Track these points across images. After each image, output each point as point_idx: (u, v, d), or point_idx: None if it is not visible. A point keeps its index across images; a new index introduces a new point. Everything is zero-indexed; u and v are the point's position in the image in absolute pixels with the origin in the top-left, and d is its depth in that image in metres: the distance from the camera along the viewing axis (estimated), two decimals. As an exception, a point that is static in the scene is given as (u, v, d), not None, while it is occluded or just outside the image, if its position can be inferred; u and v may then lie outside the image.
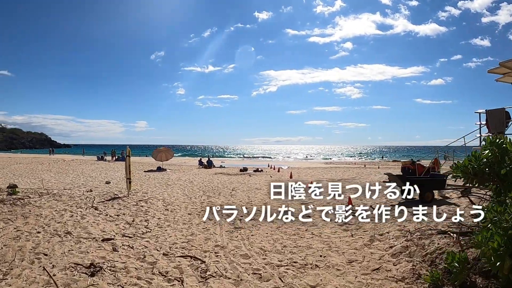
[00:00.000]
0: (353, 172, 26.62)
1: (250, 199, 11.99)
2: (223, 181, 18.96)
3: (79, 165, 31.47)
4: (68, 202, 9.55)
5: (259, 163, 43.82)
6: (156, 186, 15.84)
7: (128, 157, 10.76)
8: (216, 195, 13.07)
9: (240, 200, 11.73)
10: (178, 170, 27.27)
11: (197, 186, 16.09)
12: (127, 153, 10.83)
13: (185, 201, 11.28)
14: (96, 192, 12.08)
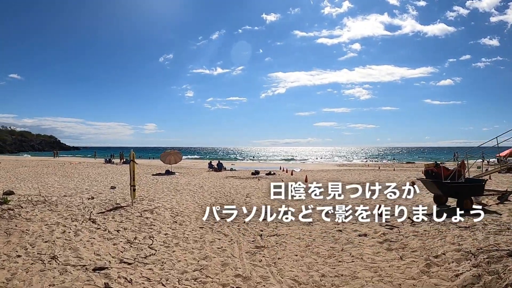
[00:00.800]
0: (369, 174, 25.14)
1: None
2: (235, 185, 17.71)
3: (86, 168, 30.58)
4: (64, 213, 8.37)
5: (270, 166, 42.51)
6: (164, 191, 14.66)
7: (133, 162, 9.56)
8: (229, 202, 11.82)
9: (258, 209, 10.43)
10: (188, 173, 26.13)
11: (208, 191, 14.86)
12: (130, 157, 9.62)
13: (196, 210, 10.05)
14: (98, 200, 10.92)
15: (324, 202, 8.49)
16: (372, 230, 7.83)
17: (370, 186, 8.70)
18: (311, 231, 7.86)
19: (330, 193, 8.06)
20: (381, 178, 21.35)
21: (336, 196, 8.06)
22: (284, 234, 7.61)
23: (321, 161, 63.70)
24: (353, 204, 8.53)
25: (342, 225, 8.17)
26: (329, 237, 7.31)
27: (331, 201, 8.21)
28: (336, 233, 7.64)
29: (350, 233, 7.67)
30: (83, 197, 11.55)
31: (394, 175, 24.27)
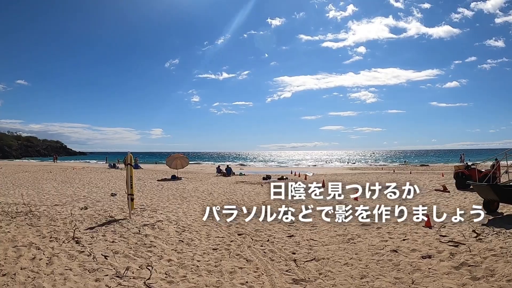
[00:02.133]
0: (386, 178, 23.26)
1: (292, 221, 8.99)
2: (247, 192, 16.01)
3: (89, 173, 29.12)
4: (44, 229, 6.75)
5: (280, 170, 40.74)
6: (169, 199, 13.02)
7: (130, 166, 7.90)
8: (244, 212, 10.11)
9: (283, 223, 8.73)
10: (195, 178, 24.48)
11: (218, 199, 13.18)
12: (127, 160, 7.95)
13: (206, 223, 8.37)
14: (92, 211, 9.31)
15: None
16: (433, 248, 6.11)
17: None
18: (357, 252, 6.15)
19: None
20: (403, 182, 19.49)
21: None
22: (324, 257, 5.90)
23: (330, 165, 61.63)
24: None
25: (392, 242, 6.49)
26: (384, 261, 5.58)
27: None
28: (391, 254, 5.92)
29: (408, 253, 5.96)
30: (75, 207, 9.94)
31: (414, 178, 22.46)
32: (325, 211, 8.45)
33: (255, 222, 8.80)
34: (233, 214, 8.02)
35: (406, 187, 8.28)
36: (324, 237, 7.56)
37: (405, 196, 8.27)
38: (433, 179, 20.78)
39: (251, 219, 8.91)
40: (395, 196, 8.39)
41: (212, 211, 7.77)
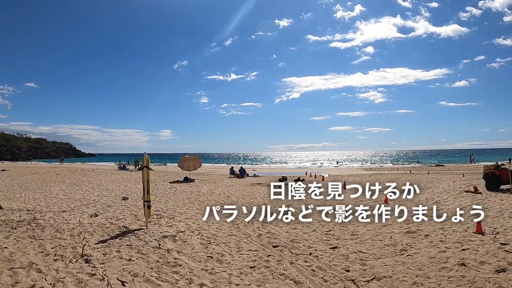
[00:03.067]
0: (407, 178, 21.92)
1: (329, 229, 7.93)
2: (266, 194, 14.93)
3: (98, 175, 28.29)
4: (48, 242, 5.74)
5: (294, 171, 39.60)
6: (185, 203, 12.00)
7: (147, 169, 6.86)
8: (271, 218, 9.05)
9: (319, 231, 7.65)
10: (208, 180, 23.45)
11: (237, 203, 12.14)
12: (144, 162, 6.89)
13: (233, 233, 7.31)
14: (103, 218, 8.31)
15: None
16: (502, 260, 5.23)
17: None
18: (419, 267, 5.18)
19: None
20: (427, 184, 18.28)
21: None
22: (385, 275, 4.84)
23: (342, 165, 60.16)
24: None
25: (451, 253, 5.51)
26: (457, 278, 4.71)
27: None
28: (460, 268, 4.98)
29: (478, 267, 5.04)
30: (84, 214, 8.96)
31: (435, 179, 21.18)
32: (362, 214, 7.88)
33: (288, 230, 7.72)
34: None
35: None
36: (371, 248, 6.48)
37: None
38: (456, 180, 19.76)
39: (284, 228, 7.83)
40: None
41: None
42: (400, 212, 9.83)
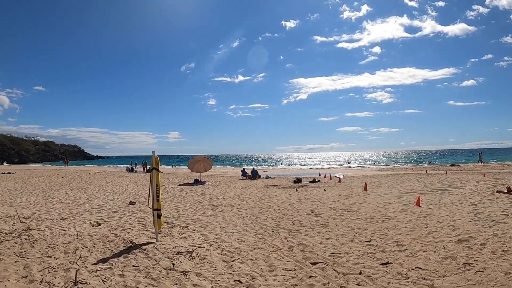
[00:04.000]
0: (430, 179, 20.50)
1: (369, 239, 6.71)
2: (284, 197, 13.74)
3: (105, 177, 27.38)
4: (36, 262, 4.62)
5: (306, 172, 38.29)
6: (198, 208, 10.88)
7: (156, 172, 5.71)
8: (298, 226, 7.87)
9: (357, 241, 6.44)
10: (219, 182, 22.33)
11: (256, 208, 10.96)
12: (152, 163, 5.71)
13: (258, 245, 6.13)
14: (106, 228, 7.21)
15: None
16: None
17: None
18: (499, 287, 3.89)
19: None
20: (450, 184, 16.94)
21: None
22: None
23: (353, 166, 58.57)
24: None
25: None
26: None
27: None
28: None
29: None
30: (86, 223, 7.88)
31: (457, 179, 19.88)
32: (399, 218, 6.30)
33: (321, 241, 6.52)
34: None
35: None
36: (429, 262, 5.28)
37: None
38: (479, 180, 18.72)
39: (316, 239, 6.64)
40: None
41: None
42: (439, 216, 8.67)
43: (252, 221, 8.63)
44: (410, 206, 10.97)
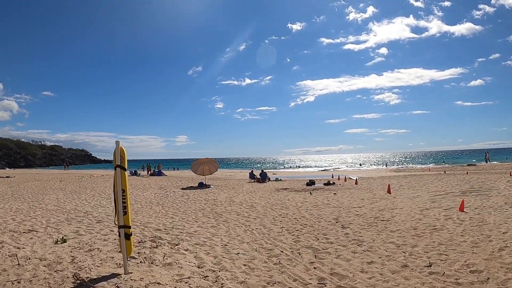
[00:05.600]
0: (453, 180, 18.41)
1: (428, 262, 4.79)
2: (299, 202, 11.87)
3: (105, 181, 25.81)
4: None
5: (317, 174, 36.31)
6: (198, 217, 9.09)
7: (122, 171, 3.87)
8: (324, 243, 5.99)
9: (413, 265, 4.54)
10: (226, 186, 20.51)
11: (267, 216, 9.12)
12: (115, 159, 3.79)
13: (274, 277, 4.28)
14: (70, 247, 5.48)
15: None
16: None
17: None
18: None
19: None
20: (482, 185, 15.04)
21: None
22: None
23: (365, 167, 56.26)
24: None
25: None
26: None
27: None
28: None
29: None
30: (53, 237, 6.16)
31: (486, 179, 18.09)
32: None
33: (363, 267, 4.64)
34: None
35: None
36: None
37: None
38: (509, 179, 17.42)
39: (353, 264, 4.75)
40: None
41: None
42: (497, 224, 7.27)
43: (264, 235, 6.77)
44: (452, 211, 9.12)
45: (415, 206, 10.30)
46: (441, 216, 8.46)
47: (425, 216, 8.62)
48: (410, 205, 10.63)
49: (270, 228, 7.47)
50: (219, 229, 7.43)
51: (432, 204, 10.69)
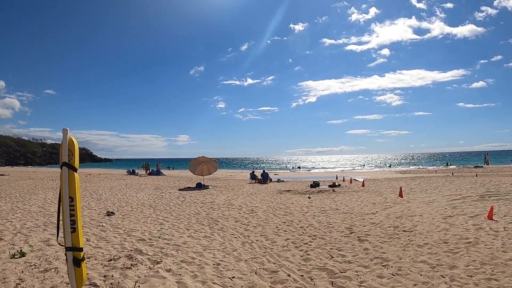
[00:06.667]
0: (465, 182, 17.23)
1: None
2: (304, 207, 10.77)
3: (101, 181, 24.79)
4: None
5: (321, 175, 35.19)
6: (191, 224, 7.99)
7: (71, 173, 2.80)
8: (341, 262, 4.87)
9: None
10: (225, 187, 19.39)
11: (269, 223, 8.02)
12: (61, 155, 2.71)
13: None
14: (25, 264, 4.43)
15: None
16: None
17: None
18: None
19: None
20: (498, 188, 13.99)
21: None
22: None
23: (368, 169, 55.01)
24: None
25: None
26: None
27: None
28: None
29: None
30: (14, 248, 5.08)
31: (499, 182, 17.09)
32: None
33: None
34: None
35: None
36: None
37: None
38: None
39: (378, 283, 3.63)
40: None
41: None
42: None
43: (266, 250, 5.65)
44: (479, 219, 8.07)
45: (435, 213, 9.19)
46: (470, 226, 7.35)
47: (451, 225, 7.50)
48: (429, 211, 9.52)
49: (273, 240, 6.35)
50: (213, 240, 6.31)
51: (454, 210, 9.59)
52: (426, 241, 6.17)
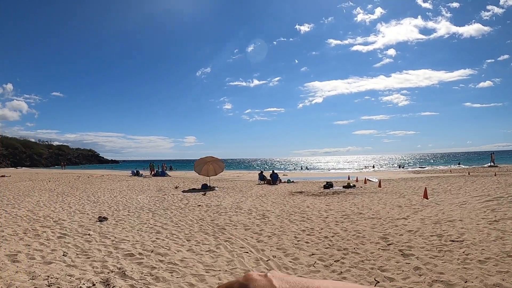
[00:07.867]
0: (486, 182, 15.73)
1: None
2: (322, 211, 9.49)
3: (102, 182, 23.74)
4: None
5: (331, 175, 33.78)
6: (193, 233, 6.76)
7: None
8: None
9: None
10: (232, 188, 18.15)
11: (286, 232, 6.73)
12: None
13: None
14: None
15: None
16: None
17: None
18: None
19: None
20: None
21: None
22: None
23: (379, 169, 53.31)
24: None
25: None
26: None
27: None
28: None
29: None
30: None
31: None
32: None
33: None
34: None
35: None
36: None
37: None
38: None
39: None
40: None
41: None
42: None
43: (287, 271, 4.38)
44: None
45: (475, 217, 7.86)
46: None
47: (503, 232, 6.18)
48: (467, 215, 8.18)
49: (293, 255, 5.07)
50: (218, 256, 5.06)
51: (494, 213, 8.24)
52: (486, 254, 4.87)
